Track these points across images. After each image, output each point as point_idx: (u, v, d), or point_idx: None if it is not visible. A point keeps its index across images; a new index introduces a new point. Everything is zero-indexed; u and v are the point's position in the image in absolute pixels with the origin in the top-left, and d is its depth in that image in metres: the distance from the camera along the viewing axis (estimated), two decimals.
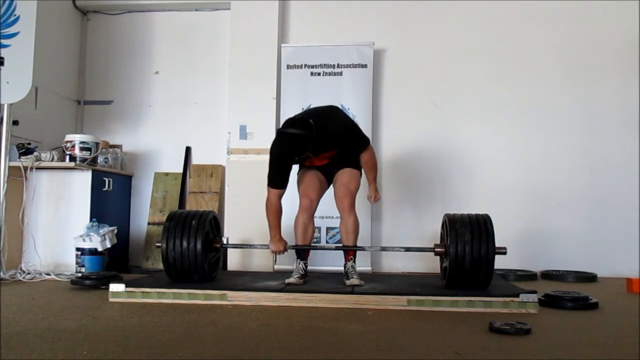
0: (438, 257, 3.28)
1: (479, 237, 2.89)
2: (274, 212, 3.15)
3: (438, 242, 3.24)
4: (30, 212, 4.01)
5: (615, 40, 4.55)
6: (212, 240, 3.26)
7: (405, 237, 4.40)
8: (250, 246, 3.46)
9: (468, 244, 2.88)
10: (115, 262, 4.20)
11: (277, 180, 3.11)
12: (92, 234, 3.89)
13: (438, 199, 4.55)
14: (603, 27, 4.58)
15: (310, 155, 3.07)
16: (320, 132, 2.93)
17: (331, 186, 3.39)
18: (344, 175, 3.26)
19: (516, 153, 4.59)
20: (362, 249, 3.22)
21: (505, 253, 2.95)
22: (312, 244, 3.46)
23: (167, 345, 2.00)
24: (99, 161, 4.36)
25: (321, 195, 3.35)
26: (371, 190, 3.37)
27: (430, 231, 3.94)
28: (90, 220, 4.02)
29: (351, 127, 3.15)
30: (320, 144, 2.99)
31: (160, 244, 3.11)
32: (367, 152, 3.20)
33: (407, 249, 3.42)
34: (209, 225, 3.22)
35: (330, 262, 4.03)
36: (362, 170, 3.33)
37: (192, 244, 3.06)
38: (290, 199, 3.36)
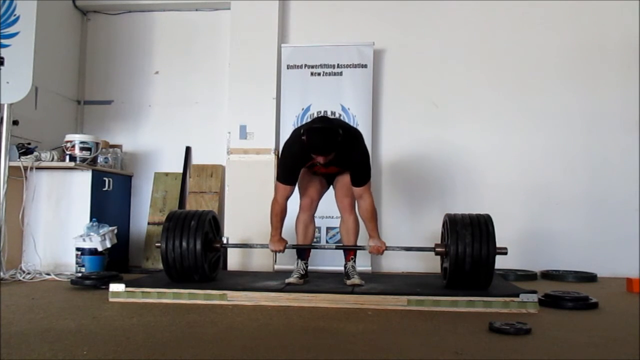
0: (438, 257, 3.27)
1: (479, 238, 2.88)
2: (278, 214, 3.14)
3: (438, 241, 3.24)
4: (30, 212, 4.01)
5: (615, 40, 4.55)
6: (211, 240, 3.26)
7: (406, 237, 4.39)
8: (250, 246, 3.45)
9: (469, 244, 2.87)
10: (115, 262, 4.20)
11: (288, 177, 3.11)
12: (92, 234, 3.89)
13: (438, 199, 4.55)
14: (603, 27, 4.58)
15: (319, 163, 3.05)
16: (342, 147, 2.90)
17: (331, 187, 3.39)
18: (346, 176, 3.24)
19: (516, 153, 4.59)
20: (363, 248, 3.22)
21: (506, 253, 2.95)
22: (313, 244, 3.46)
23: (167, 345, 2.00)
24: (99, 161, 4.36)
25: (322, 195, 3.36)
26: (374, 241, 3.13)
27: (431, 231, 3.94)
28: (90, 220, 4.02)
29: (367, 158, 3.11)
30: (336, 159, 2.97)
31: (159, 244, 3.10)
32: (366, 192, 3.08)
33: (408, 249, 3.42)
34: (209, 226, 3.22)
35: (330, 262, 4.03)
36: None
37: (192, 244, 3.05)
38: (292, 198, 3.34)
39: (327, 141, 2.84)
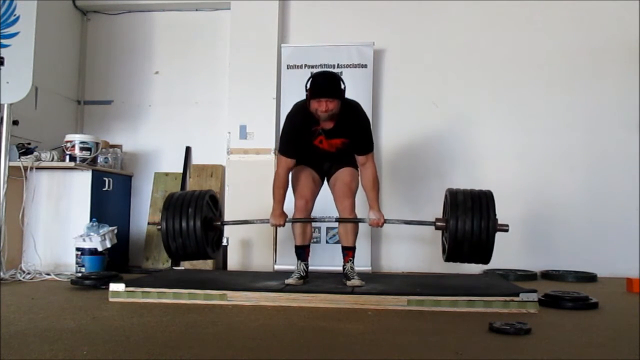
0: (439, 257, 3.27)
1: (479, 212, 2.86)
2: (281, 186, 3.16)
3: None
4: (30, 212, 4.01)
5: (615, 40, 4.55)
6: (211, 219, 3.26)
7: (405, 236, 4.40)
8: (250, 222, 3.39)
9: (469, 217, 2.84)
10: (115, 262, 4.20)
11: (288, 148, 3.13)
12: (92, 234, 3.89)
13: (438, 199, 4.50)
14: (603, 27, 4.58)
15: (321, 132, 3.05)
16: (345, 106, 3.00)
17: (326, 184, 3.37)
18: (345, 174, 3.24)
19: (516, 153, 4.59)
20: (362, 220, 3.21)
21: (507, 230, 2.91)
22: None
23: (167, 345, 2.00)
24: (99, 161, 4.36)
25: (316, 195, 3.33)
26: (374, 212, 3.15)
27: (431, 229, 3.93)
28: (90, 220, 4.02)
29: (369, 123, 3.21)
30: (340, 124, 3.01)
31: (160, 227, 3.11)
32: (370, 160, 3.14)
33: (407, 222, 3.37)
34: (207, 207, 3.20)
35: (329, 262, 4.03)
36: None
37: (192, 225, 3.03)
38: (288, 201, 3.33)
39: (332, 82, 2.94)
